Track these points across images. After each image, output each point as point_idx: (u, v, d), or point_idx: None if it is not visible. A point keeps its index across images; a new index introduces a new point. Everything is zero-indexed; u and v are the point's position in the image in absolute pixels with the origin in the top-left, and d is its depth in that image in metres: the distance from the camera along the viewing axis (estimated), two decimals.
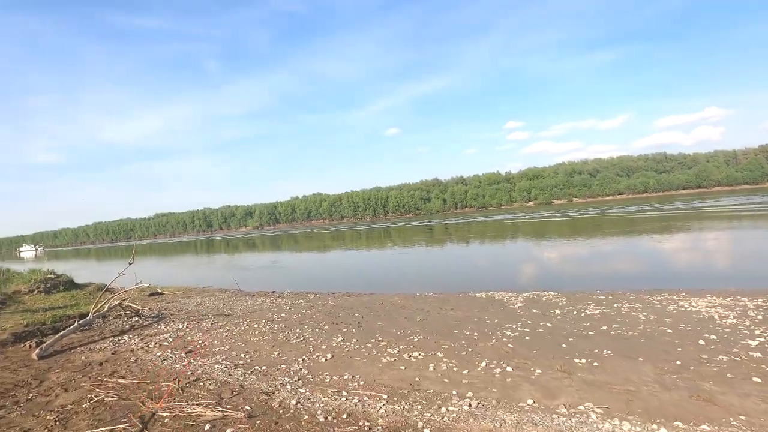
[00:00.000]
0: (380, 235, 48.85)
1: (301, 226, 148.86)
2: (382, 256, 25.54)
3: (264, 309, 10.57)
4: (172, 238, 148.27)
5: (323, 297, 12.20)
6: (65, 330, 7.44)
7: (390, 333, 7.46)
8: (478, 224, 49.30)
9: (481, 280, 14.22)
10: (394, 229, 59.44)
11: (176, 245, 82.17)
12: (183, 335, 7.96)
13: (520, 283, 13.11)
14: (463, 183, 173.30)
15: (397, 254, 25.55)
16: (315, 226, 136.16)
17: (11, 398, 4.79)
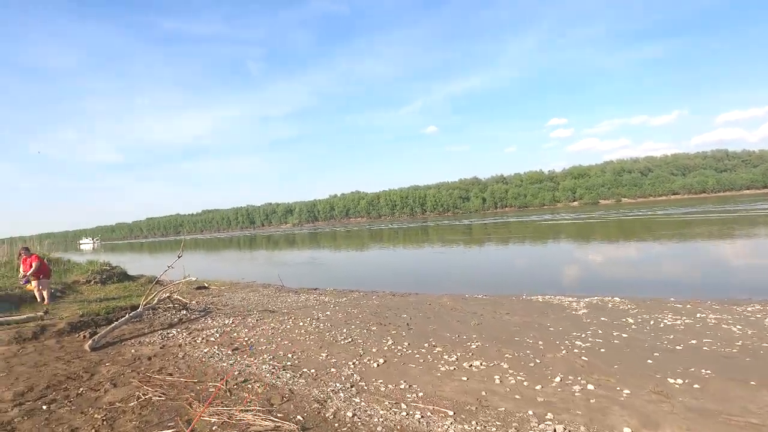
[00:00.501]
0: (419, 233, 48.19)
1: (339, 223, 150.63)
2: (423, 255, 24.93)
3: (308, 306, 10.33)
4: (217, 234, 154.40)
5: (367, 296, 11.83)
6: (117, 322, 7.46)
7: (444, 337, 6.92)
8: (520, 224, 47.48)
9: (530, 282, 13.35)
10: (433, 228, 58.52)
11: (221, 240, 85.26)
12: (229, 331, 7.80)
13: (575, 286, 12.13)
14: (503, 182, 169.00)
15: (437, 253, 24.87)
16: (353, 223, 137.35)
17: (63, 391, 4.69)
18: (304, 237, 67.02)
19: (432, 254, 24.74)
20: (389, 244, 36.42)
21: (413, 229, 60.11)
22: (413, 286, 13.48)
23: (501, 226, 48.00)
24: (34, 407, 4.25)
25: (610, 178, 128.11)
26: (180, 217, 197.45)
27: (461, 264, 19.73)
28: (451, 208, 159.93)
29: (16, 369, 5.43)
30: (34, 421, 3.97)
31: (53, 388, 4.78)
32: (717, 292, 9.95)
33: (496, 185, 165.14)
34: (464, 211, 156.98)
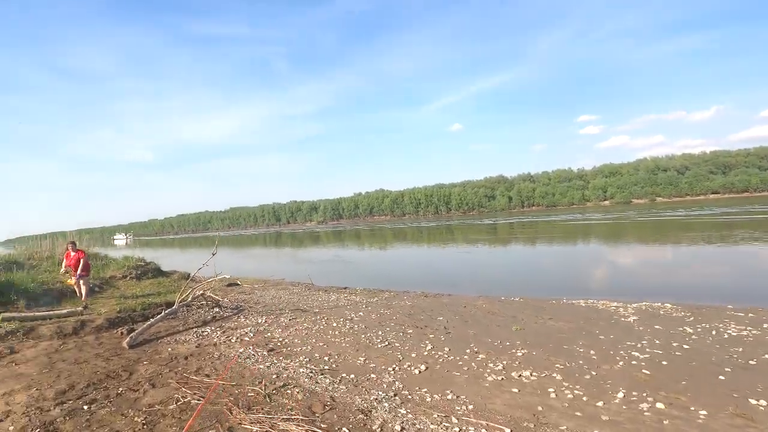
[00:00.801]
0: (444, 232, 47.57)
1: (363, 221, 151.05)
2: (450, 255, 24.45)
3: (339, 306, 10.15)
4: (243, 231, 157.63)
5: (398, 296, 11.56)
6: (153, 319, 7.46)
7: (485, 343, 6.57)
8: (549, 223, 46.14)
9: (568, 284, 12.77)
10: (458, 226, 57.70)
11: (247, 237, 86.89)
12: (263, 330, 7.69)
13: (617, 290, 11.45)
14: (530, 180, 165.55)
15: (465, 253, 24.35)
16: (377, 222, 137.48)
17: (103, 390, 4.62)
18: (328, 235, 67.41)
19: (460, 254, 24.24)
20: (415, 243, 36.07)
21: (438, 227, 59.46)
22: (443, 286, 13.12)
23: (529, 225, 46.81)
24: (75, 407, 4.18)
25: (644, 177, 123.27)
26: (208, 213, 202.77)
27: (491, 264, 19.20)
28: (476, 207, 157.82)
29: (57, 365, 5.44)
30: (75, 422, 3.89)
31: (93, 387, 4.72)
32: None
33: (523, 184, 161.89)
34: (490, 210, 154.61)
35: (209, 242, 77.16)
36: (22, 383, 4.79)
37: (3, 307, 8.69)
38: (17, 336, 6.47)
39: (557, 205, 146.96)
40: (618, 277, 14.04)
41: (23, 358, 5.74)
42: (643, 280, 13.18)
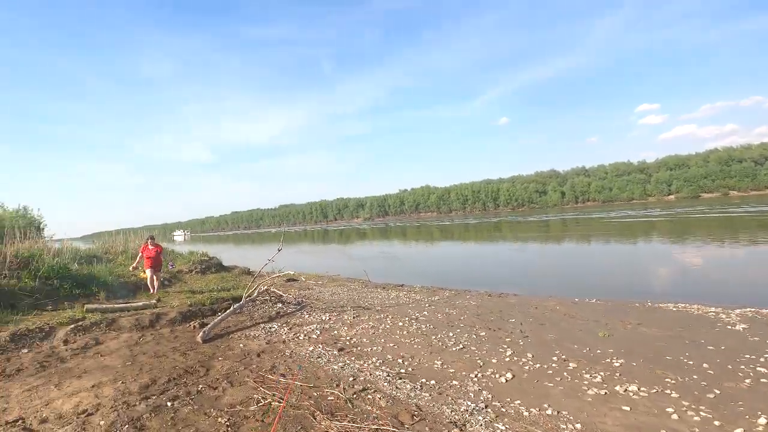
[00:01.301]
0: (494, 229, 46.05)
1: (409, 218, 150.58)
2: (503, 252, 23.43)
3: (401, 304, 9.83)
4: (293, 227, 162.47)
5: (460, 295, 11.07)
6: (223, 314, 7.52)
7: (571, 350, 5.96)
8: (608, 220, 43.24)
9: (644, 286, 11.68)
10: (508, 223, 55.73)
11: (296, 233, 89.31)
12: (329, 329, 7.52)
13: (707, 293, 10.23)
14: (585, 174, 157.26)
15: (519, 251, 23.25)
16: (423, 218, 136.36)
17: (183, 387, 4.58)
18: (375, 231, 67.65)
19: (513, 252, 23.18)
20: (464, 240, 35.14)
21: (486, 224, 57.78)
22: (502, 285, 12.45)
23: (585, 221, 44.17)
24: (159, 403, 4.14)
25: (715, 169, 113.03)
26: (260, 211, 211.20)
27: (549, 263, 18.09)
28: (526, 203, 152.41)
29: (139, 358, 5.52)
30: (160, 419, 3.82)
31: (174, 382, 4.70)
32: None
33: (577, 178, 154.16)
34: (541, 206, 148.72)
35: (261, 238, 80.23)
36: (108, 375, 4.86)
37: (86, 298, 9.19)
38: (100, 327, 6.72)
39: (615, 201, 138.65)
40: (698, 279, 12.64)
41: (107, 349, 5.90)
42: (728, 283, 11.75)
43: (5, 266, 8.66)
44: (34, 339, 6.06)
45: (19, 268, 8.87)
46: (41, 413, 3.91)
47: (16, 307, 7.67)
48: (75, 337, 6.26)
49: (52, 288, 8.88)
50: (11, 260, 8.95)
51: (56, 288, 8.96)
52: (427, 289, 12.50)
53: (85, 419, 3.80)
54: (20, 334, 6.00)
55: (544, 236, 31.42)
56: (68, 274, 9.53)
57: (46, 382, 4.68)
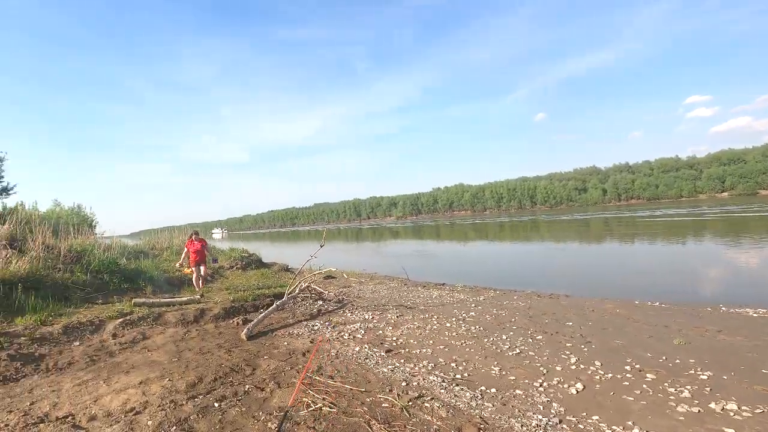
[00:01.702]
0: (532, 227, 44.48)
1: (442, 216, 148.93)
2: (545, 251, 22.39)
3: (445, 304, 9.40)
4: (327, 225, 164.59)
5: (506, 295, 10.50)
6: (266, 311, 7.38)
7: (645, 359, 5.34)
8: (656, 218, 40.68)
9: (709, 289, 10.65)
10: (547, 222, 53.73)
11: (330, 232, 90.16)
12: (373, 328, 7.22)
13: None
14: (628, 170, 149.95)
15: (561, 249, 22.14)
16: (456, 217, 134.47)
17: (230, 386, 4.39)
18: (409, 230, 67.14)
19: (555, 250, 22.10)
20: (501, 239, 34.05)
21: (524, 222, 56.00)
22: (546, 285, 11.78)
23: (630, 220, 41.78)
24: (206, 404, 3.95)
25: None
26: (295, 210, 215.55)
27: (595, 263, 17.01)
28: (564, 201, 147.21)
29: (185, 355, 5.42)
30: (208, 421, 3.62)
31: (220, 381, 4.52)
32: None
33: (620, 174, 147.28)
34: (580, 204, 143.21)
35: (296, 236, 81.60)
36: (155, 372, 4.76)
37: (133, 292, 9.36)
38: (147, 322, 6.72)
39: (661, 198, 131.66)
40: None
41: (154, 344, 5.85)
42: None
43: (59, 260, 8.94)
44: (84, 332, 6.12)
45: (72, 263, 9.15)
46: (90, 410, 3.81)
47: (69, 300, 7.86)
48: (123, 331, 6.27)
49: (102, 282, 9.10)
50: (65, 254, 9.24)
51: (106, 282, 9.17)
52: (470, 288, 12.00)
53: (133, 418, 3.66)
54: (72, 327, 6.07)
55: (586, 235, 29.92)
56: (117, 269, 9.75)
57: (95, 377, 4.63)
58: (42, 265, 8.37)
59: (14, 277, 7.50)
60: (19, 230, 9.36)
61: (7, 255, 8.25)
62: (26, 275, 7.66)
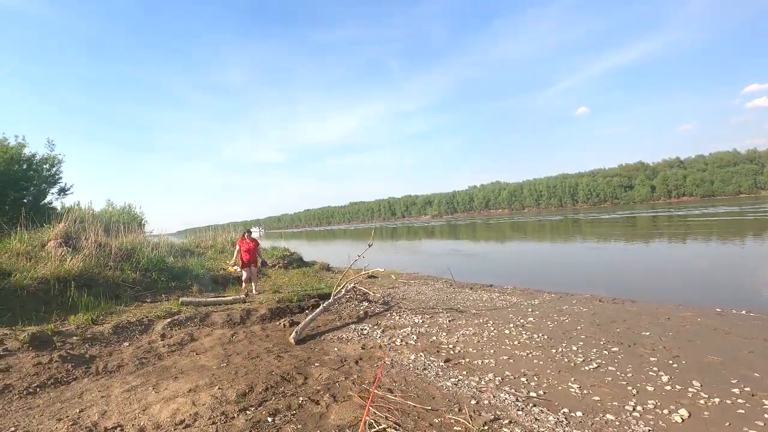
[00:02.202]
0: (576, 226, 42.36)
1: (479, 215, 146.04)
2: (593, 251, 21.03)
3: (498, 308, 8.78)
4: (362, 224, 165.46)
5: (564, 299, 9.71)
6: (313, 313, 7.06)
7: (754, 380, 4.54)
8: (716, 216, 37.60)
9: None
10: (593, 221, 51.12)
11: (366, 230, 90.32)
12: (425, 333, 6.74)
13: None
14: (679, 165, 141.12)
15: (611, 249, 20.69)
16: (494, 215, 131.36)
17: (282, 397, 4.05)
18: (445, 228, 66.01)
19: (604, 250, 20.69)
20: (543, 238, 32.56)
21: (564, 221, 53.59)
22: (602, 288, 10.83)
23: (685, 218, 38.86)
24: (259, 418, 3.62)
25: None
26: (331, 209, 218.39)
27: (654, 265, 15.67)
28: (609, 198, 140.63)
29: (233, 359, 5.16)
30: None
31: (272, 391, 4.19)
32: None
33: (670, 170, 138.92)
34: (626, 202, 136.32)
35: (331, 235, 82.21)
36: (204, 378, 4.50)
37: (180, 290, 9.35)
38: (195, 322, 6.57)
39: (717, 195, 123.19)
40: None
41: (202, 347, 5.66)
42: None
43: (110, 258, 9.06)
44: (134, 332, 6.02)
45: (122, 261, 9.26)
46: (139, 420, 3.57)
47: (120, 298, 7.90)
48: (171, 332, 6.13)
49: (151, 280, 9.15)
50: (116, 253, 9.37)
51: (154, 280, 9.22)
52: (521, 290, 11.27)
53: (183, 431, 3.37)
54: (122, 327, 5.99)
55: (643, 234, 28.00)
56: (165, 267, 9.81)
57: (144, 383, 4.43)
58: (94, 263, 8.49)
59: (68, 274, 7.60)
60: (74, 229, 9.60)
61: (62, 253, 8.42)
62: (80, 273, 7.76)
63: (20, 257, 8.16)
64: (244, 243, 9.60)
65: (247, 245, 9.56)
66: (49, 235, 9.08)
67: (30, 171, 17.53)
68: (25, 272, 7.12)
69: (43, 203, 17.81)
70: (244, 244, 9.59)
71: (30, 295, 6.77)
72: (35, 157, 18.21)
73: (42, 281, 7.16)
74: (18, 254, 8.23)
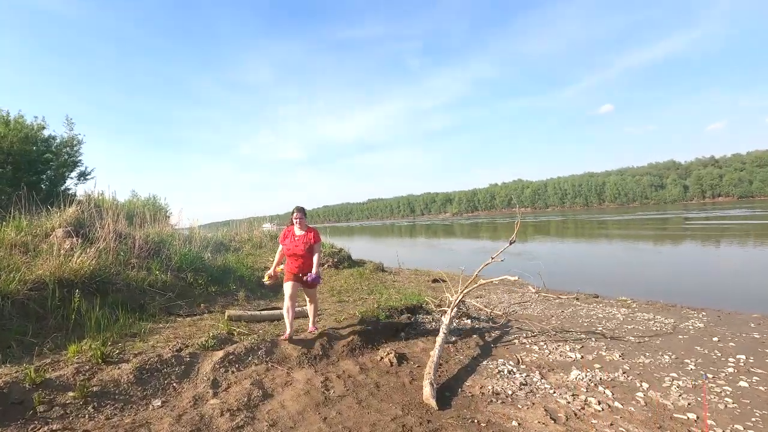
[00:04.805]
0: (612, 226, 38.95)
1: (500, 214, 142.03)
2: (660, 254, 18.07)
3: (658, 332, 6.24)
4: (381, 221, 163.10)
5: (731, 318, 7.12)
6: (436, 350, 4.53)
7: None
8: None
9: None
10: (628, 221, 47.44)
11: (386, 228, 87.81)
12: (610, 381, 4.29)
13: None
14: (714, 164, 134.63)
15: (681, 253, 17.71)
16: (515, 214, 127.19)
17: None
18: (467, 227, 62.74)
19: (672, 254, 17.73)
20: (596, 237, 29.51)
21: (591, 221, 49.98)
22: (716, 299, 8.18)
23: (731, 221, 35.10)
24: None
25: None
26: (350, 205, 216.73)
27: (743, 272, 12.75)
28: (638, 198, 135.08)
29: None
30: None
31: None
32: None
33: (704, 169, 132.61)
34: (656, 201, 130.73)
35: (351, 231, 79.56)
36: None
37: (223, 297, 7.12)
38: (259, 356, 4.26)
39: (755, 196, 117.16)
40: None
41: (286, 413, 3.32)
42: None
43: (133, 253, 6.88)
44: (169, 377, 3.73)
45: (149, 257, 7.07)
46: None
47: (145, 309, 5.69)
48: (228, 377, 3.83)
49: (186, 284, 6.93)
50: (141, 246, 7.19)
51: (190, 283, 7.01)
52: (647, 303, 8.68)
53: None
54: (149, 368, 3.71)
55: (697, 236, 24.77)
56: (202, 266, 7.61)
57: None
58: (113, 260, 6.31)
59: (76, 275, 5.43)
60: (88, 215, 7.44)
61: (70, 245, 6.26)
62: (91, 274, 5.57)
63: (15, 250, 6.02)
64: (291, 237, 5.02)
65: (293, 243, 4.94)
66: (54, 222, 6.94)
67: (48, 153, 15.74)
68: (15, 272, 4.95)
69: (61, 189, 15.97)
70: (291, 239, 5.00)
71: (17, 306, 4.59)
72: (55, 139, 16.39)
73: (37, 285, 4.99)
74: (13, 246, 6.10)
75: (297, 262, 4.90)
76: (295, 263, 4.91)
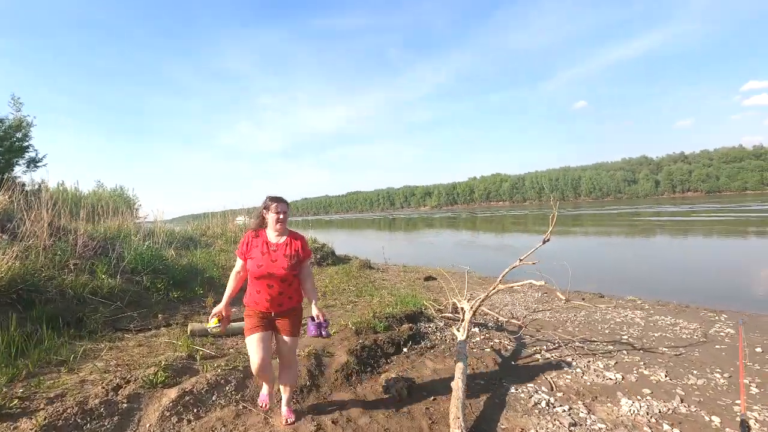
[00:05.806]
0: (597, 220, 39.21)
1: (479, 207, 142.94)
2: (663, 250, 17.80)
3: (689, 342, 5.52)
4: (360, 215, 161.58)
5: (755, 322, 6.50)
6: (459, 384, 3.58)
7: None
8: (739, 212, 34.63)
9: None
10: (607, 215, 48.03)
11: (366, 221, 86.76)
12: (672, 414, 3.47)
13: None
14: (684, 161, 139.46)
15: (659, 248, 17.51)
16: (494, 208, 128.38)
17: None
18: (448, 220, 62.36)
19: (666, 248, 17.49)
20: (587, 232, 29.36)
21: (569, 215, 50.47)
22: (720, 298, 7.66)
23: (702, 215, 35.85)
24: None
25: None
26: (329, 198, 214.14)
27: None
28: (612, 192, 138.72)
29: None
30: None
31: None
32: None
33: (675, 165, 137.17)
34: (629, 196, 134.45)
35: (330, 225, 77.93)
36: None
37: (187, 304, 5.99)
38: (226, 395, 3.20)
39: (722, 191, 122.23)
40: None
41: None
42: None
43: (75, 252, 5.65)
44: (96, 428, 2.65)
45: (95, 256, 5.86)
46: None
47: (84, 324, 4.52)
48: (181, 427, 2.78)
49: (141, 288, 5.76)
50: (85, 243, 5.95)
51: (146, 288, 5.84)
52: (660, 304, 8.02)
53: None
54: (66, 418, 2.62)
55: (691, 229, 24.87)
56: (162, 266, 6.42)
57: None
58: (46, 262, 5.09)
59: None
60: (20, 206, 6.13)
61: None
62: (10, 279, 4.36)
63: None
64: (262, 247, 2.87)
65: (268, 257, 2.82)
66: None
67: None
68: None
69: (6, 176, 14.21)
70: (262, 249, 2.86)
71: None
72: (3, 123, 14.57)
73: None
74: None
75: (270, 292, 2.79)
76: (267, 293, 2.79)
